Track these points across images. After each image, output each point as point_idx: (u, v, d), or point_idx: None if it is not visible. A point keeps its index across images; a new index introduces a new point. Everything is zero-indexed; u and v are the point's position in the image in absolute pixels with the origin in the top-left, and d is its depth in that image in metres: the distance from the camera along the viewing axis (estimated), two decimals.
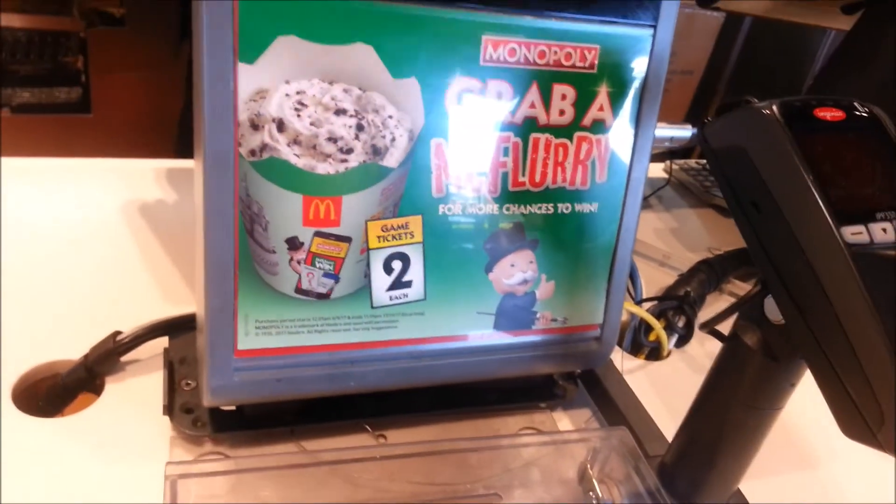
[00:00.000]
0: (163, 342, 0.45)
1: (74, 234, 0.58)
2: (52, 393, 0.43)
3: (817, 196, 0.28)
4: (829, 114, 0.31)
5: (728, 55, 1.44)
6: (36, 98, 1.80)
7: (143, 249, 0.57)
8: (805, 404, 0.40)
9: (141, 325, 0.45)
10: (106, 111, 1.91)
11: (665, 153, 0.88)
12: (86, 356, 0.43)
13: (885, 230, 0.28)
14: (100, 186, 0.65)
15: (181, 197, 0.65)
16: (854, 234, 0.28)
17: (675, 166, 0.91)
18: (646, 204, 0.82)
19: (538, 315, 0.43)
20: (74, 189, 0.64)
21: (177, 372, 0.44)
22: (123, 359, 0.44)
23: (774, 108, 0.30)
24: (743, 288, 0.67)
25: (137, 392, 0.43)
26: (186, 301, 0.52)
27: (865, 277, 0.27)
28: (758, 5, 0.81)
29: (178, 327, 0.46)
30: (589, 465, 0.41)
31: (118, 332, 0.44)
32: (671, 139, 0.68)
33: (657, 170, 0.92)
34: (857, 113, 0.32)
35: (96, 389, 0.44)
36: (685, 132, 0.68)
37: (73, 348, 0.45)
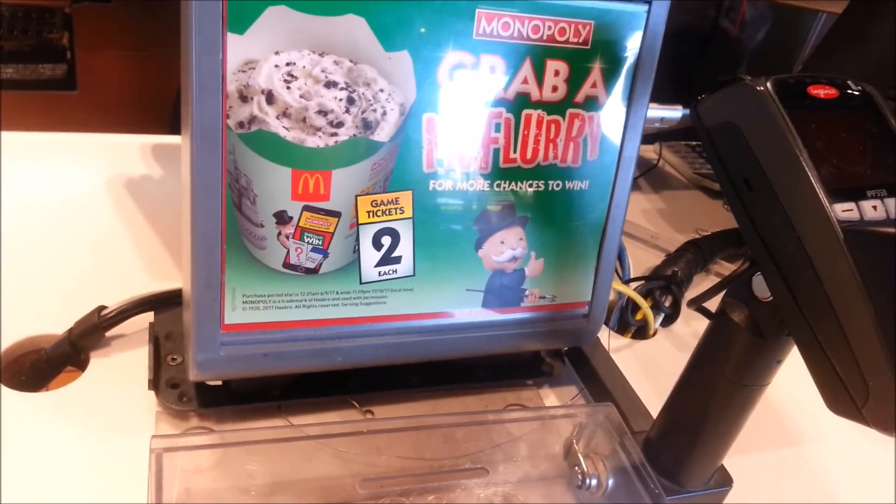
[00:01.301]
0: (148, 317, 0.45)
1: (59, 209, 0.57)
2: (35, 368, 0.43)
3: (809, 173, 0.28)
4: (822, 91, 0.31)
5: None
6: (20, 74, 1.77)
7: (128, 225, 0.56)
8: (790, 381, 0.41)
9: (126, 300, 0.44)
10: (91, 88, 1.88)
11: (654, 135, 0.88)
12: (70, 331, 0.43)
13: (875, 207, 0.29)
14: (86, 161, 0.64)
15: (168, 172, 0.64)
16: (845, 210, 0.28)
17: (663, 148, 0.91)
18: (634, 185, 0.82)
19: (527, 292, 0.43)
20: (60, 164, 0.63)
21: (162, 347, 0.43)
22: (108, 334, 0.44)
23: (768, 84, 0.30)
24: (730, 269, 0.67)
25: (122, 367, 0.43)
26: (172, 276, 0.51)
27: (855, 254, 0.27)
28: None
29: (164, 302, 0.45)
30: (575, 441, 0.41)
31: (103, 307, 0.44)
32: (661, 119, 0.68)
33: (646, 151, 0.92)
34: (850, 91, 0.32)
35: (81, 364, 0.43)
36: (675, 113, 0.68)
37: (57, 323, 0.44)
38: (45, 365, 0.43)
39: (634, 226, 0.72)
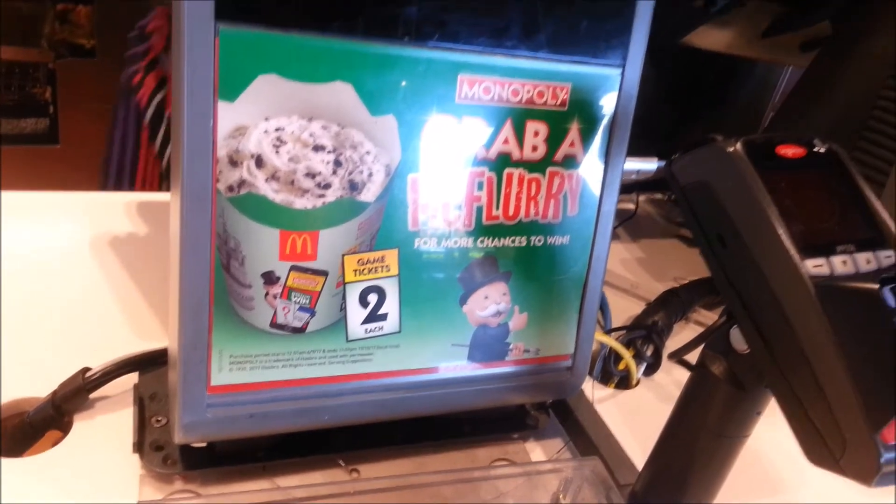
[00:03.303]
0: (133, 378, 0.45)
1: (43, 269, 0.57)
2: (18, 432, 0.42)
3: (780, 230, 0.29)
4: (790, 150, 0.33)
5: None
6: (3, 129, 1.78)
7: (113, 283, 0.56)
8: (773, 431, 0.41)
9: (110, 361, 0.44)
10: (73, 142, 1.89)
11: (632, 184, 0.90)
12: (53, 393, 0.43)
13: (844, 262, 0.30)
14: (70, 219, 0.64)
15: (153, 230, 0.64)
16: (816, 266, 0.29)
17: (641, 198, 0.93)
18: (613, 234, 0.84)
19: (511, 346, 0.44)
20: (44, 223, 0.63)
21: (147, 408, 0.43)
22: (92, 396, 0.44)
23: (738, 145, 0.32)
24: (708, 316, 0.68)
25: (106, 430, 0.43)
26: (157, 335, 0.51)
27: (827, 309, 0.28)
28: (719, 41, 0.84)
29: (149, 363, 0.45)
30: (562, 495, 0.41)
31: (87, 369, 0.44)
32: (638, 172, 0.70)
33: (624, 200, 0.93)
34: (817, 150, 0.33)
35: (64, 427, 0.43)
36: (651, 165, 0.70)
37: (40, 385, 0.44)
38: (27, 429, 0.42)
39: (615, 275, 0.73)
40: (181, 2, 0.31)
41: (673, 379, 0.58)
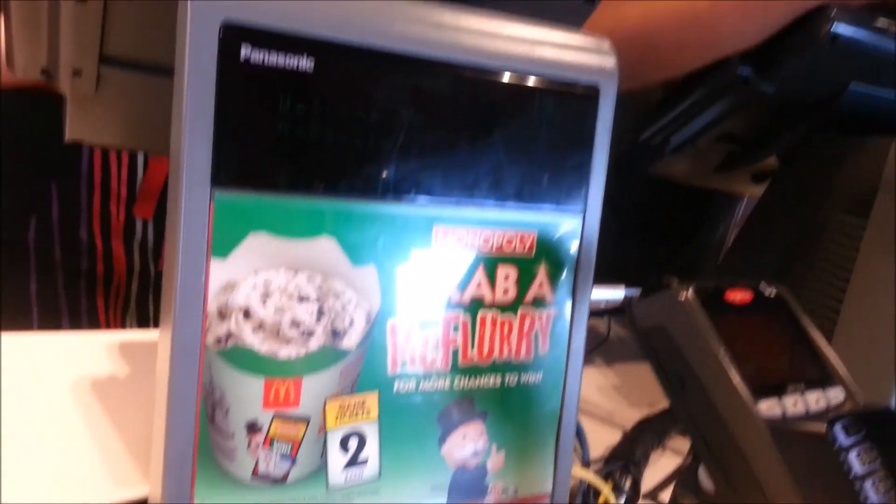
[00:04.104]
0: None
1: (16, 411, 0.57)
2: None
3: (733, 374, 0.32)
4: (738, 296, 0.35)
5: None
6: None
7: (92, 427, 0.56)
8: None
9: None
10: None
11: (602, 310, 0.93)
12: None
13: (795, 403, 0.32)
14: (48, 361, 0.64)
15: (134, 371, 0.65)
16: (769, 408, 0.31)
17: (612, 322, 0.96)
18: (588, 360, 0.86)
19: (490, 486, 0.44)
20: (23, 364, 0.63)
21: None
22: None
23: (690, 292, 0.34)
24: (684, 443, 0.69)
25: None
26: (135, 482, 0.51)
27: (782, 449, 0.30)
28: (677, 173, 0.90)
29: None
30: None
31: None
32: (606, 301, 0.73)
33: (597, 324, 0.96)
34: (764, 293, 0.36)
35: None
36: (618, 294, 0.73)
37: None
38: None
39: (591, 403, 0.74)
40: (180, 168, 0.34)
41: None
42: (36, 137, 0.79)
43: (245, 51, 0.35)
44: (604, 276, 0.48)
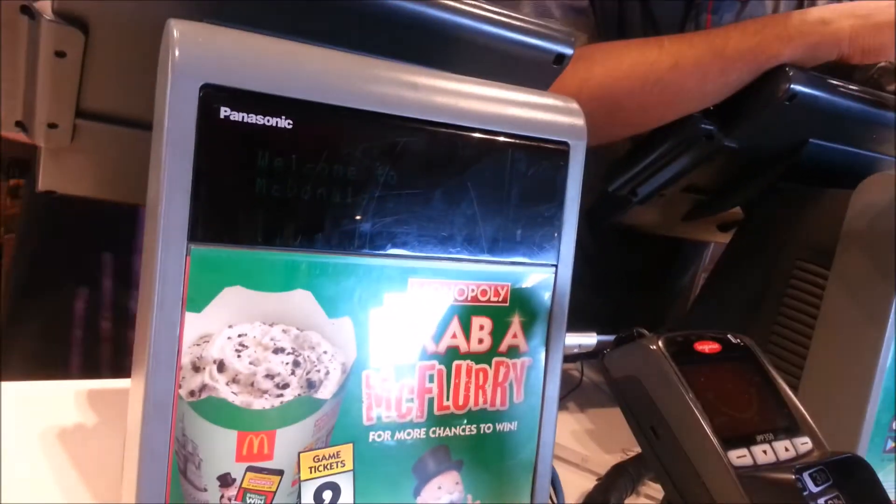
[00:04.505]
0: None
1: None
2: None
3: (703, 423, 0.32)
4: (706, 346, 0.36)
5: None
6: None
7: (60, 477, 0.55)
8: None
9: None
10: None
11: (576, 355, 0.94)
12: None
13: (765, 451, 0.33)
14: (14, 410, 0.63)
15: (103, 419, 0.64)
16: (739, 457, 0.32)
17: (585, 366, 0.97)
18: (562, 405, 0.86)
19: None
20: None
21: None
22: None
23: (660, 343, 0.35)
24: (657, 490, 0.69)
25: None
26: None
27: (752, 497, 0.31)
28: (646, 222, 0.92)
29: None
30: None
31: None
32: (579, 346, 0.73)
33: (570, 369, 0.97)
34: (732, 343, 0.37)
35: None
36: (591, 340, 0.74)
37: None
38: None
39: (564, 449, 0.74)
40: (157, 223, 0.34)
41: None
42: (94, 208, 0.79)
43: (224, 111, 0.35)
44: (574, 322, 0.49)
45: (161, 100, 0.35)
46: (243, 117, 0.36)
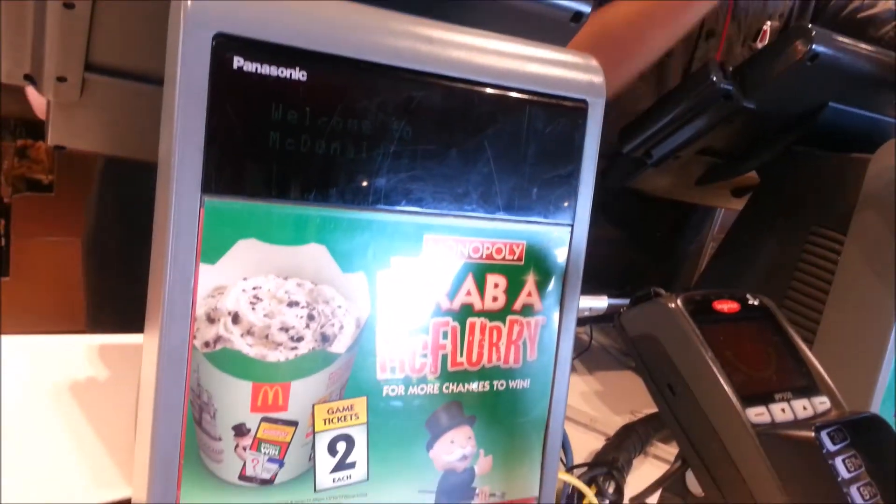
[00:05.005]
0: None
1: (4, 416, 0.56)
2: None
3: (722, 381, 0.32)
4: (725, 306, 0.36)
5: None
6: None
7: (71, 430, 0.55)
8: None
9: None
10: (25, 275, 1.86)
11: (585, 318, 0.94)
12: None
13: (783, 410, 0.32)
14: (27, 364, 0.63)
15: (114, 374, 0.64)
16: (758, 415, 0.32)
17: (595, 330, 0.97)
18: (571, 367, 0.86)
19: (477, 491, 0.44)
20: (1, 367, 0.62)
21: None
22: None
23: (679, 302, 0.35)
24: (666, 450, 0.70)
25: None
26: (116, 484, 0.50)
27: (770, 454, 0.31)
28: (659, 187, 0.91)
29: None
30: None
31: None
32: (590, 309, 0.73)
33: (579, 332, 0.97)
34: (750, 303, 0.37)
35: None
36: (602, 303, 0.73)
37: None
38: None
39: (574, 409, 0.75)
40: (170, 175, 0.34)
41: None
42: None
43: (238, 61, 0.35)
44: (584, 285, 0.48)
45: (173, 50, 0.34)
46: (257, 68, 0.35)
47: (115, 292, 0.90)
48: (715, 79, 0.64)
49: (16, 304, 1.73)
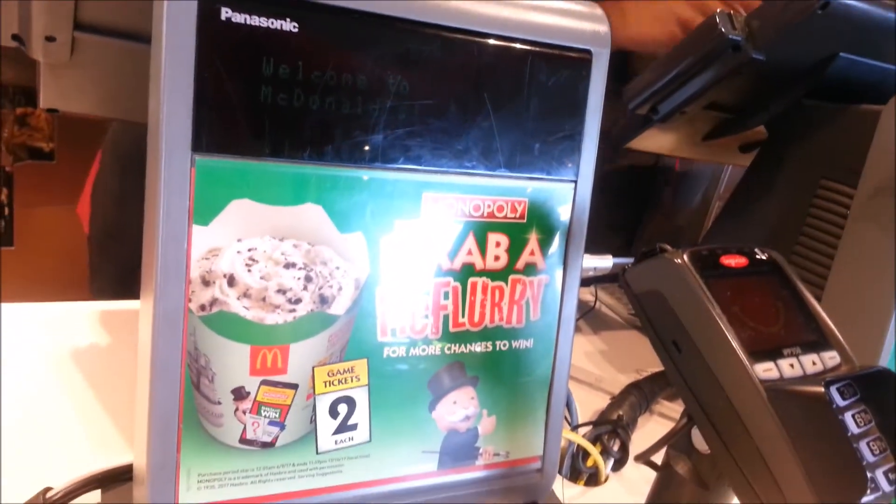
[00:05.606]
0: (95, 495, 0.44)
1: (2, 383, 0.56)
2: None
3: (730, 337, 0.31)
4: (733, 261, 0.35)
5: None
6: None
7: (73, 397, 0.55)
8: None
9: (73, 480, 0.43)
10: (28, 244, 1.86)
11: (590, 278, 0.93)
12: None
13: (792, 365, 0.32)
14: (29, 331, 0.63)
15: (115, 341, 0.64)
16: (765, 370, 0.31)
17: (599, 290, 0.96)
18: (576, 327, 0.86)
19: (481, 451, 0.44)
20: (3, 335, 0.62)
21: None
22: None
23: (685, 257, 0.34)
24: (671, 408, 0.70)
25: None
26: (119, 449, 0.50)
27: (779, 411, 0.30)
28: (664, 144, 0.89)
29: (114, 479, 0.44)
30: None
31: (48, 489, 0.42)
32: (594, 269, 0.72)
33: (583, 293, 0.96)
34: (758, 258, 0.36)
35: None
36: (607, 262, 0.72)
37: None
38: None
39: (578, 369, 0.74)
40: (159, 134, 0.33)
41: (642, 475, 0.59)
42: None
43: (225, 12, 0.33)
44: (587, 245, 0.47)
45: (159, 1, 0.33)
46: (245, 19, 0.34)
47: (118, 259, 0.90)
48: (723, 30, 0.62)
49: (20, 273, 1.74)
